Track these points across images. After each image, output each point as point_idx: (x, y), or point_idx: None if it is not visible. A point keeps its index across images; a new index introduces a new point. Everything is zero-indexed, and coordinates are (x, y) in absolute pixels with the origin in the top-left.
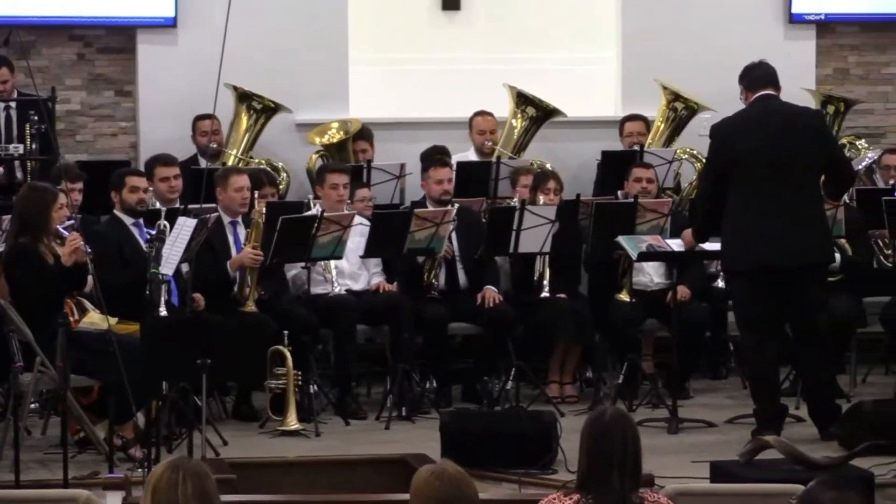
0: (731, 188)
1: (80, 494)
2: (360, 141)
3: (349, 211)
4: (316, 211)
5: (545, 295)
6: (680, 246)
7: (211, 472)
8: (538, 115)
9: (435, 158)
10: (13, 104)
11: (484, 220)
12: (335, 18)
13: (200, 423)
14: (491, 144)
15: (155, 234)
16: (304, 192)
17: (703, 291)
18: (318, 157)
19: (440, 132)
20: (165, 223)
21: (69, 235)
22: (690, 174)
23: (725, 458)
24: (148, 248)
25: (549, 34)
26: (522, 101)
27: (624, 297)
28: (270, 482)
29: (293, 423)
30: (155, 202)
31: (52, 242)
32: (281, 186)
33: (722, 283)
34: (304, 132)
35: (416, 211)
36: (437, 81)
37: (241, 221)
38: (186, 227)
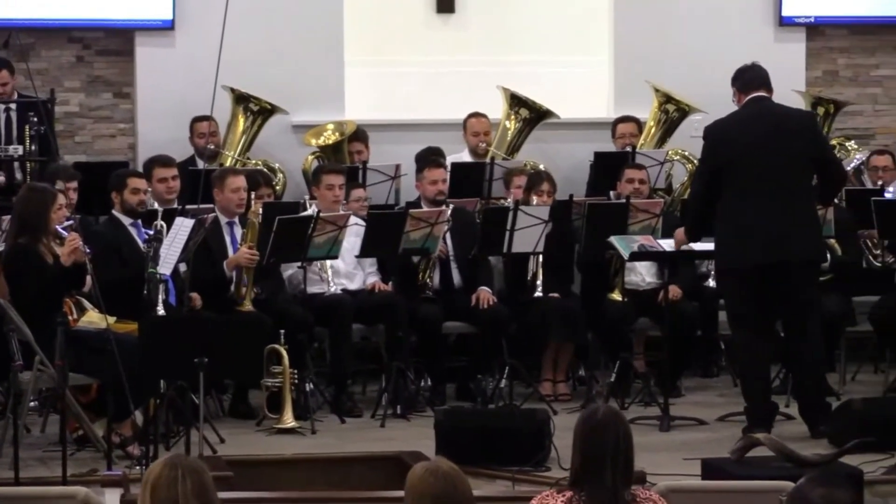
0: (724, 188)
1: (78, 491)
2: (355, 142)
3: (345, 211)
4: (312, 211)
5: (538, 294)
6: (671, 246)
7: (207, 468)
8: (531, 116)
9: (429, 159)
10: (13, 106)
11: (478, 220)
12: (331, 21)
13: (198, 420)
14: (485, 146)
15: (153, 234)
16: (300, 192)
17: (694, 291)
18: (313, 158)
19: (435, 133)
20: (163, 223)
21: (68, 235)
22: (682, 175)
23: (716, 455)
24: (146, 248)
25: (542, 37)
26: (516, 102)
27: (616, 296)
28: (267, 479)
29: (289, 420)
30: (153, 203)
31: (51, 242)
32: (277, 187)
33: (712, 282)
34: (300, 134)
35: (410, 211)
36: (431, 83)
37: (237, 222)
38: (184, 227)
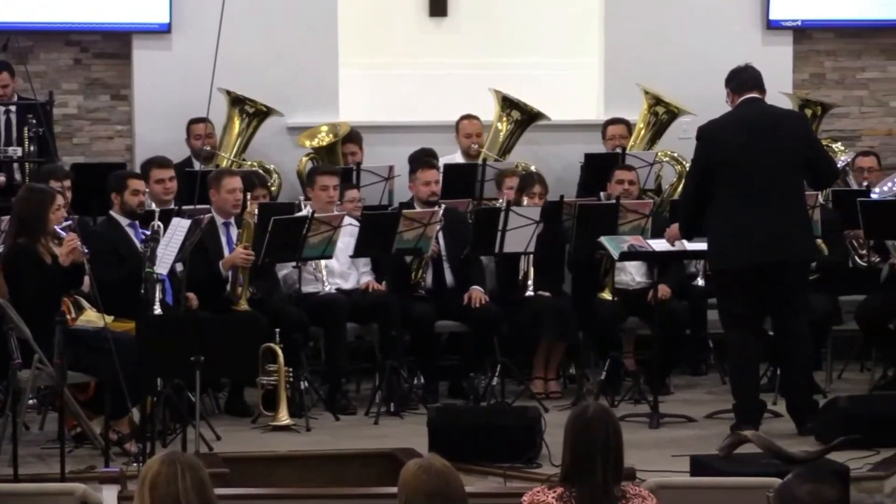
0: (717, 188)
1: (76, 488)
2: (349, 144)
3: (339, 212)
4: (306, 212)
5: (529, 294)
6: (661, 246)
7: (203, 464)
8: (523, 118)
9: (422, 161)
10: (13, 108)
11: (470, 220)
12: (325, 25)
13: (194, 418)
14: (477, 147)
15: (150, 234)
16: (295, 193)
17: (683, 290)
18: (308, 159)
19: (427, 135)
20: (160, 224)
21: (67, 236)
22: (671, 176)
23: (705, 452)
24: (143, 248)
25: (533, 40)
26: (508, 105)
27: (606, 295)
28: (262, 476)
29: (284, 418)
30: (151, 204)
31: (49, 243)
32: (273, 188)
33: (701, 281)
34: (294, 135)
35: (404, 212)
36: (424, 86)
37: (233, 222)
38: (180, 227)
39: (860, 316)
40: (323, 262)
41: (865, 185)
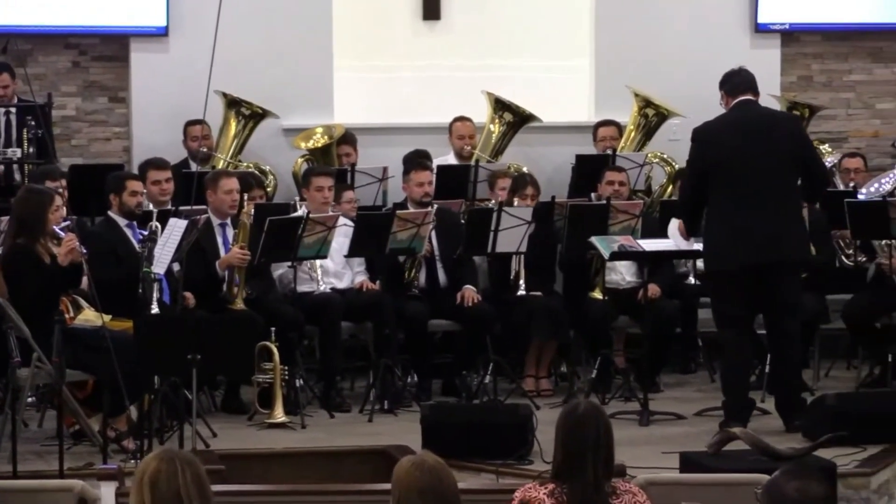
0: (712, 190)
1: (75, 484)
2: (344, 145)
3: (334, 212)
4: (302, 212)
5: (521, 293)
6: (651, 245)
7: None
8: (515, 120)
9: (416, 162)
10: (13, 109)
11: (463, 220)
12: (320, 28)
13: (191, 415)
14: (470, 149)
15: (147, 234)
16: (290, 194)
17: (675, 289)
18: (303, 160)
19: (421, 137)
20: (157, 224)
21: (65, 236)
22: (661, 177)
23: (694, 449)
24: (140, 248)
25: (525, 43)
26: (500, 107)
27: (597, 294)
28: (258, 473)
29: (280, 415)
30: (148, 204)
31: (48, 243)
32: (268, 189)
33: (692, 279)
34: (290, 137)
35: (397, 212)
36: (418, 88)
37: (230, 223)
38: (177, 228)
39: (847, 315)
40: (318, 261)
41: (852, 185)
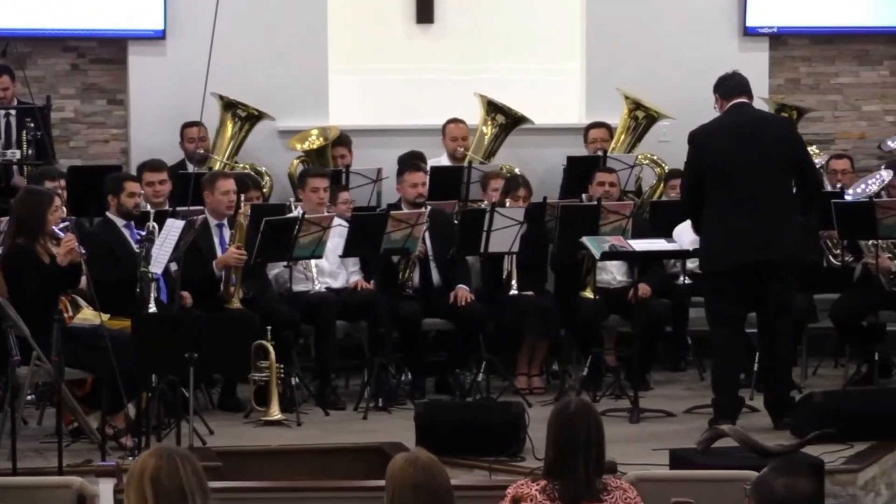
0: (708, 191)
1: (73, 481)
2: (338, 147)
3: (329, 213)
4: (297, 213)
5: (514, 292)
6: (641, 245)
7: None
8: (507, 122)
9: (410, 163)
10: (13, 111)
11: (456, 221)
12: (315, 32)
13: (188, 413)
14: (463, 150)
15: (145, 234)
16: (285, 195)
17: (665, 289)
18: (299, 162)
19: (415, 138)
20: (155, 224)
21: (64, 236)
22: (651, 178)
23: (684, 446)
24: (138, 248)
25: (517, 46)
26: (492, 109)
27: (588, 294)
28: (254, 469)
29: (276, 413)
30: (146, 205)
31: (48, 243)
32: (265, 190)
33: (682, 279)
34: (285, 139)
35: (392, 213)
36: (411, 90)
37: (226, 223)
38: (174, 228)
39: (834, 314)
40: (313, 261)
41: (839, 186)
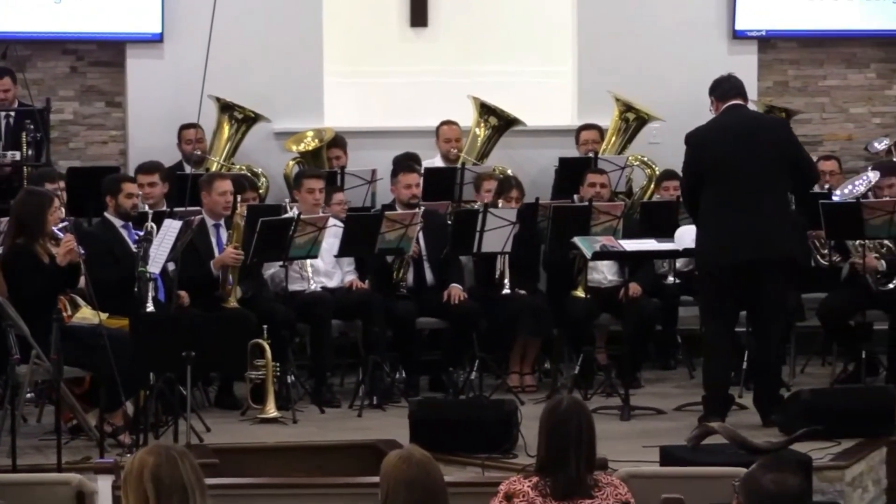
0: (705, 191)
1: (72, 478)
2: (334, 148)
3: (325, 214)
4: (293, 214)
5: (506, 292)
6: (631, 245)
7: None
8: (500, 124)
9: (404, 164)
10: (12, 113)
11: (449, 221)
12: (311, 35)
13: (185, 411)
14: (456, 152)
15: (143, 235)
16: (281, 196)
17: (655, 288)
18: (294, 163)
19: (409, 140)
20: (153, 225)
21: (64, 237)
22: (641, 179)
23: (674, 443)
24: (136, 248)
25: (510, 49)
26: (485, 111)
27: (579, 293)
28: (251, 466)
29: (272, 411)
30: (144, 206)
31: (47, 243)
32: (261, 191)
33: (671, 279)
34: (281, 140)
35: (386, 213)
36: (405, 93)
37: (223, 224)
38: (172, 228)
39: (822, 313)
40: (309, 261)
41: (827, 187)
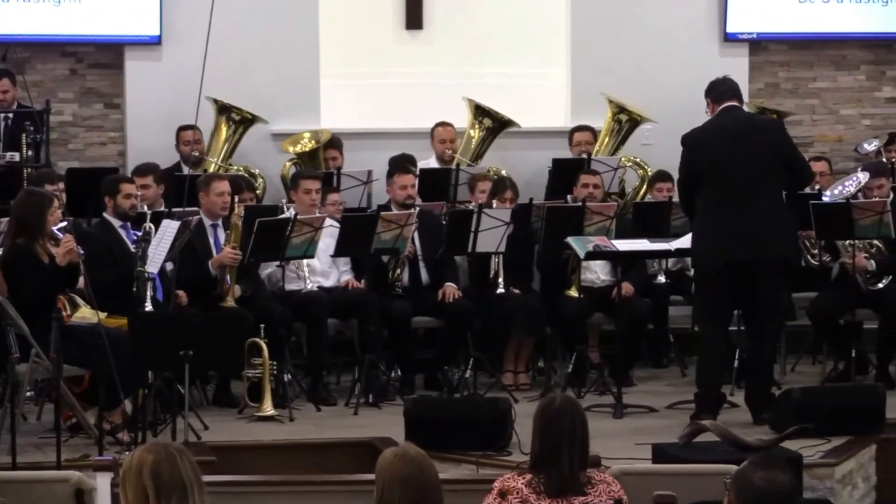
0: (702, 192)
1: (71, 475)
2: (330, 149)
3: (321, 214)
4: (290, 214)
5: (500, 291)
6: (624, 245)
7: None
8: (494, 125)
9: (400, 165)
10: (12, 115)
11: (444, 222)
12: (307, 37)
13: (183, 409)
14: (451, 153)
15: (141, 235)
16: (278, 196)
17: (646, 288)
18: (291, 164)
19: (404, 141)
20: (151, 225)
21: (63, 237)
22: (634, 180)
23: (666, 440)
24: (135, 248)
25: (504, 51)
26: (480, 112)
27: (573, 293)
28: (248, 464)
29: (269, 409)
30: (142, 206)
31: (47, 243)
32: (258, 191)
33: (662, 278)
34: (278, 141)
35: (382, 214)
36: (401, 94)
37: (221, 224)
38: (170, 229)
39: (812, 312)
40: (305, 261)
41: (817, 188)
